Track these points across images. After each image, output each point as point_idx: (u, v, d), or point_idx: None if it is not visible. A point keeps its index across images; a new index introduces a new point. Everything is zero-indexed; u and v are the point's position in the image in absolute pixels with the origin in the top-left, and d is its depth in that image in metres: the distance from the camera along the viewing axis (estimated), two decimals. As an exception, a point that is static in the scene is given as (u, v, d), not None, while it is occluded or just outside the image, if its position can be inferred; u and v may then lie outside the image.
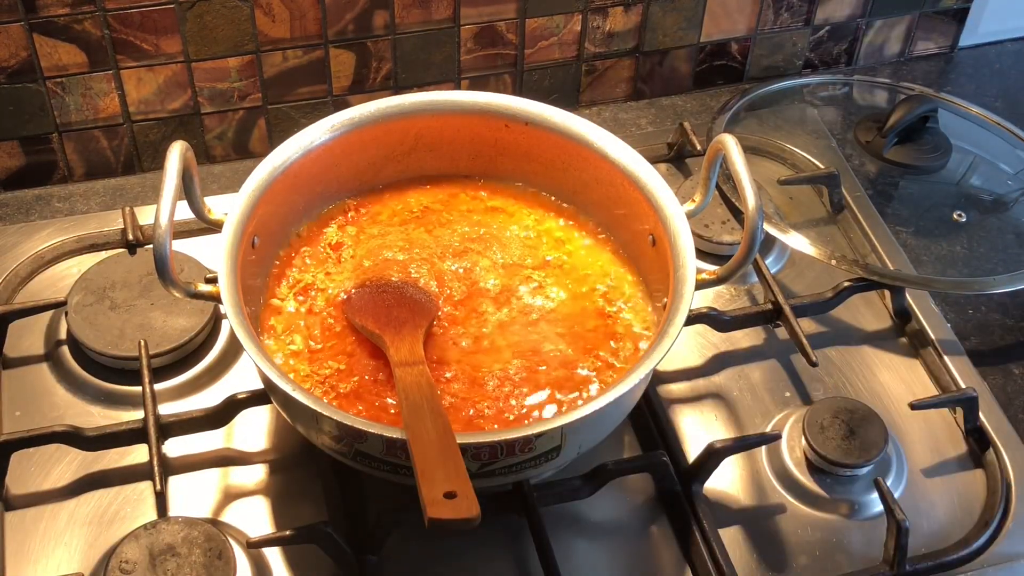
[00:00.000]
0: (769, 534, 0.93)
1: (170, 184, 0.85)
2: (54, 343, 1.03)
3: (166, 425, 0.93)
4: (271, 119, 1.21)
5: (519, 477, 0.87)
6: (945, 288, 1.10)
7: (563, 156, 1.03)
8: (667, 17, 1.26)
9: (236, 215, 0.91)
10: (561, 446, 0.85)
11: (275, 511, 0.93)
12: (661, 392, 1.02)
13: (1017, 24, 1.45)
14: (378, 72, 1.21)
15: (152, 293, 1.04)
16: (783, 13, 1.31)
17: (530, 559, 0.89)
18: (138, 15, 1.09)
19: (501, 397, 0.89)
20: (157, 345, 1.00)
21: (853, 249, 1.16)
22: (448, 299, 0.97)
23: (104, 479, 0.94)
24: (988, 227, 1.18)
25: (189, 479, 0.94)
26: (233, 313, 0.85)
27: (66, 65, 1.10)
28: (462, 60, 1.22)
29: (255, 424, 0.98)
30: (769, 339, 1.08)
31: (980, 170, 1.24)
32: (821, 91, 1.34)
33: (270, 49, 1.15)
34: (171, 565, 0.84)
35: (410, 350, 0.88)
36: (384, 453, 0.82)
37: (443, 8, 1.17)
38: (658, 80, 1.32)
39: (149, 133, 1.18)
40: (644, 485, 0.95)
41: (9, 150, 1.15)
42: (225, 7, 1.11)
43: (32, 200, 1.18)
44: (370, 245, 1.01)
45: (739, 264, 0.90)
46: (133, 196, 1.19)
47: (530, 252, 1.01)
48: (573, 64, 1.27)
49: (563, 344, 0.94)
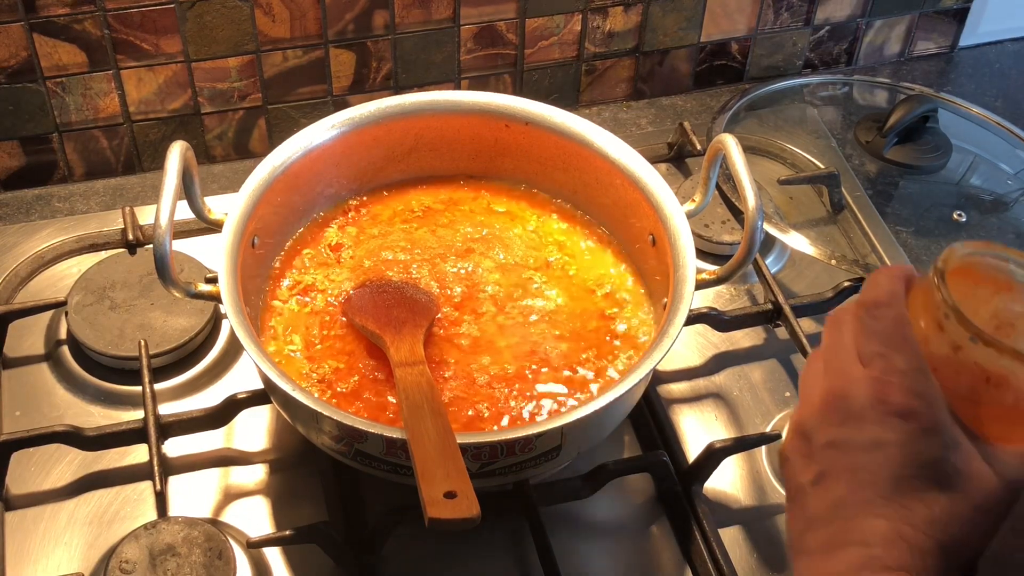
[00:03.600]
0: (769, 534, 0.93)
1: (170, 184, 0.85)
2: (54, 343, 1.03)
3: (166, 425, 0.93)
4: (271, 119, 1.21)
5: (519, 477, 0.87)
6: (945, 288, 1.10)
7: (563, 156, 1.03)
8: (667, 17, 1.26)
9: (236, 215, 0.91)
10: (561, 446, 0.85)
11: (275, 511, 0.93)
12: (661, 392, 1.02)
13: (1017, 24, 1.45)
14: (378, 72, 1.21)
15: (152, 293, 1.04)
16: (783, 13, 1.31)
17: (530, 559, 0.89)
18: (138, 15, 1.09)
19: (501, 397, 0.89)
20: (157, 345, 1.00)
21: (853, 249, 1.16)
22: (448, 299, 0.97)
23: (104, 479, 0.94)
24: (988, 227, 1.18)
25: (189, 479, 0.94)
26: (233, 313, 0.85)
27: (66, 65, 1.10)
28: (462, 60, 1.22)
29: (255, 424, 0.97)
30: (769, 339, 1.08)
31: (980, 170, 1.24)
32: (821, 91, 1.34)
33: (270, 49, 1.15)
34: (171, 565, 0.84)
35: (410, 350, 0.88)
36: (384, 453, 0.82)
37: (443, 8, 1.17)
38: (658, 80, 1.32)
39: (149, 133, 1.18)
40: (644, 485, 0.95)
41: (9, 150, 1.15)
42: (225, 7, 1.11)
43: (32, 200, 1.18)
44: (370, 245, 1.01)
45: (739, 264, 0.91)
46: (133, 196, 1.18)
47: (532, 253, 1.01)
48: (573, 64, 1.27)
49: (563, 344, 0.94)
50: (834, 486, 0.62)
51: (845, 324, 0.65)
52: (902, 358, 0.61)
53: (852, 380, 0.62)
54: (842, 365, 0.63)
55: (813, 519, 0.62)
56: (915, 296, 0.64)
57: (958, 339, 0.60)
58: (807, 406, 0.64)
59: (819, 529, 0.62)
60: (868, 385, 0.61)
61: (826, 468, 0.62)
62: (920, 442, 0.60)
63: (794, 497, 0.65)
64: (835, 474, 0.62)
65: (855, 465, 0.61)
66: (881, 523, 0.60)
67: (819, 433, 0.63)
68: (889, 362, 0.61)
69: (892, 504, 0.60)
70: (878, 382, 0.61)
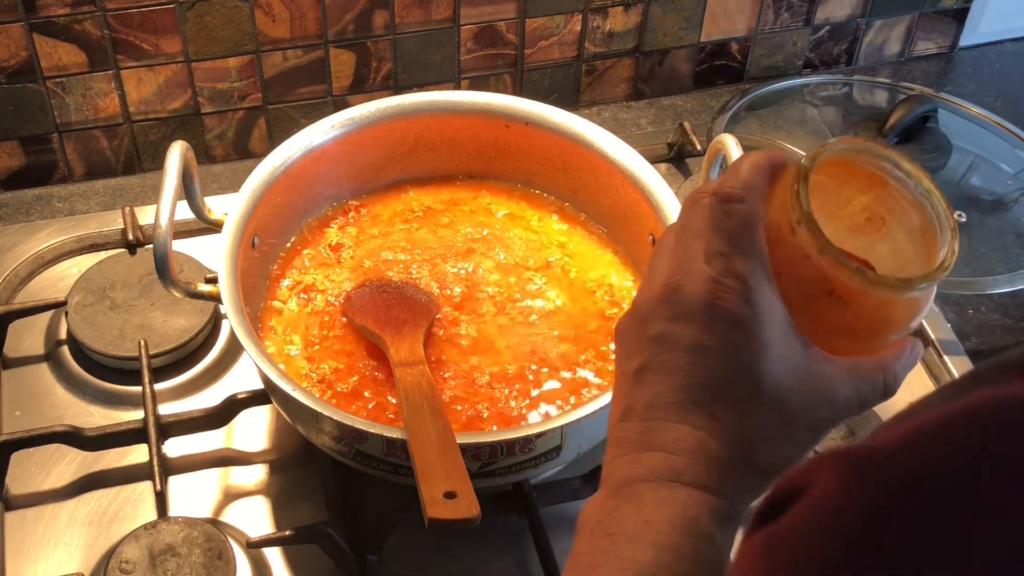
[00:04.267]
0: (769, 534, 0.93)
1: (170, 184, 0.85)
2: (54, 343, 1.03)
3: (166, 425, 0.93)
4: (271, 119, 1.21)
5: (519, 477, 0.87)
6: (945, 288, 1.10)
7: (563, 156, 1.03)
8: (667, 17, 1.26)
9: (236, 215, 0.91)
10: (561, 446, 0.85)
11: (275, 511, 0.93)
12: (661, 392, 1.02)
13: (1017, 24, 1.45)
14: (378, 72, 1.21)
15: (152, 293, 1.04)
16: (783, 13, 1.31)
17: (530, 559, 0.89)
18: (138, 15, 1.09)
19: (501, 397, 0.89)
20: (157, 345, 1.00)
21: (853, 249, 1.16)
22: (448, 299, 0.97)
23: (104, 479, 0.94)
24: (988, 227, 1.18)
25: (189, 479, 0.94)
26: (233, 313, 0.85)
27: (66, 65, 1.10)
28: (462, 60, 1.22)
29: (255, 424, 0.97)
30: (769, 339, 1.07)
31: (980, 170, 1.24)
32: (821, 91, 1.33)
33: (270, 49, 1.15)
34: (171, 565, 0.84)
35: (410, 350, 0.88)
36: (384, 453, 0.82)
37: (443, 8, 1.17)
38: (658, 80, 1.32)
39: (149, 133, 1.18)
40: (644, 485, 0.95)
41: (9, 150, 1.15)
42: (225, 7, 1.11)
43: (32, 200, 1.18)
44: (370, 246, 1.01)
45: (739, 264, 0.90)
46: (133, 196, 1.18)
47: (533, 253, 1.01)
48: (573, 64, 1.27)
49: (564, 345, 0.94)
50: (653, 382, 0.58)
51: (699, 209, 0.60)
52: (744, 262, 0.57)
53: (690, 275, 0.58)
54: (686, 255, 0.59)
55: (630, 410, 0.59)
56: (778, 189, 0.60)
57: (807, 247, 0.57)
58: (649, 289, 0.60)
59: (633, 422, 0.59)
60: (704, 284, 0.57)
61: (648, 361, 0.59)
62: (743, 352, 0.57)
63: (620, 380, 0.61)
64: (655, 370, 0.58)
65: (675, 365, 0.58)
66: (687, 431, 0.57)
67: (650, 323, 0.59)
68: (730, 264, 0.57)
69: (702, 413, 0.57)
70: (714, 283, 0.57)
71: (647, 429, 0.58)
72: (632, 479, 0.58)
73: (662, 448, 0.57)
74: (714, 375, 0.57)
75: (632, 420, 0.59)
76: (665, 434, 0.57)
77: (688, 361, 0.58)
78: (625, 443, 0.59)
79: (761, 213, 0.59)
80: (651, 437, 0.58)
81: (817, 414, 0.59)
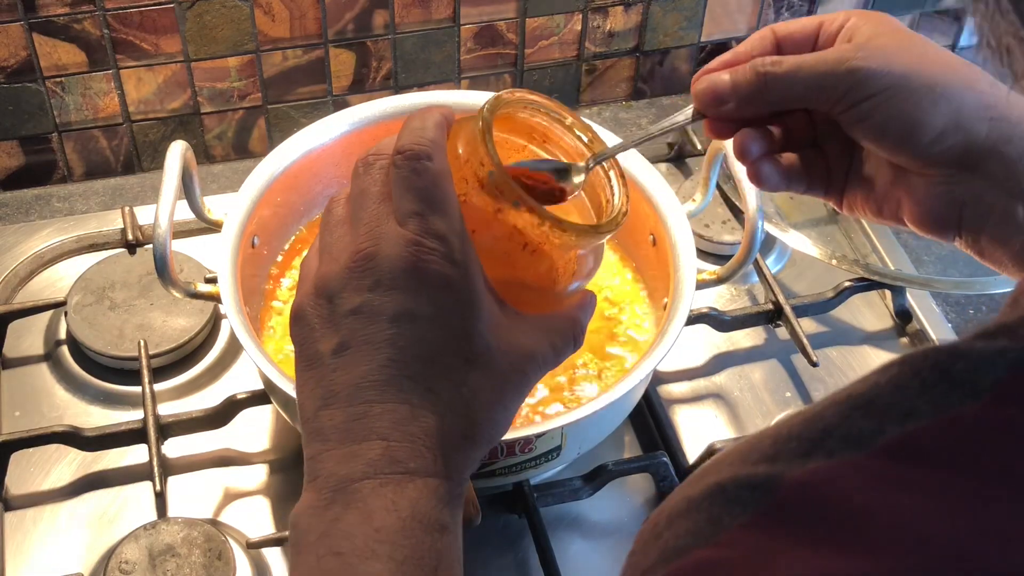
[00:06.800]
0: (769, 534, 0.93)
1: (170, 184, 0.85)
2: (54, 343, 1.03)
3: (166, 425, 0.93)
4: (271, 119, 1.21)
5: (519, 477, 0.87)
6: (946, 288, 1.10)
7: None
8: (667, 17, 1.26)
9: (236, 215, 0.91)
10: (561, 446, 0.85)
11: (275, 511, 0.93)
12: (661, 392, 1.02)
13: (1017, 24, 1.45)
14: (378, 72, 1.20)
15: (152, 293, 1.04)
16: (783, 13, 1.31)
17: (530, 559, 0.89)
18: (138, 15, 1.09)
19: (501, 397, 0.89)
20: (157, 345, 1.00)
21: (854, 249, 1.16)
22: (448, 299, 0.97)
23: (104, 479, 0.94)
24: (988, 227, 1.18)
25: (189, 479, 0.94)
26: (233, 313, 0.84)
27: (66, 65, 1.10)
28: (462, 60, 1.22)
29: (255, 424, 0.97)
30: (770, 339, 1.08)
31: (980, 170, 1.24)
32: (821, 91, 1.33)
33: (270, 49, 1.15)
34: (171, 565, 0.84)
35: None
36: (384, 453, 0.82)
37: (443, 8, 1.17)
38: (658, 80, 1.32)
39: (149, 133, 1.18)
40: (644, 485, 0.95)
41: (9, 150, 1.15)
42: (225, 7, 1.11)
43: (32, 200, 1.17)
44: (370, 245, 1.01)
45: (740, 264, 0.90)
46: (133, 196, 1.18)
47: (530, 252, 1.01)
48: (573, 64, 1.27)
49: (563, 344, 0.94)
50: (356, 360, 0.54)
51: (378, 172, 0.56)
52: (442, 220, 0.54)
53: (384, 239, 0.54)
54: (373, 220, 0.55)
55: (332, 396, 0.54)
56: (457, 145, 0.58)
57: (501, 202, 0.56)
58: (331, 262, 0.56)
59: (338, 408, 0.54)
60: (403, 247, 0.54)
61: (349, 338, 0.54)
62: (454, 315, 0.54)
63: (310, 365, 0.56)
64: (358, 346, 0.54)
65: (381, 338, 0.54)
66: (405, 411, 0.53)
67: (344, 297, 0.55)
68: (427, 224, 0.54)
69: (418, 387, 0.53)
70: (414, 245, 0.54)
71: (358, 415, 0.54)
72: (350, 478, 0.54)
73: (379, 435, 0.53)
74: (426, 344, 0.54)
75: (335, 407, 0.54)
76: (381, 418, 0.54)
77: (395, 332, 0.54)
78: (331, 434, 0.55)
79: (449, 169, 0.56)
80: (365, 423, 0.54)
81: (523, 373, 0.57)
